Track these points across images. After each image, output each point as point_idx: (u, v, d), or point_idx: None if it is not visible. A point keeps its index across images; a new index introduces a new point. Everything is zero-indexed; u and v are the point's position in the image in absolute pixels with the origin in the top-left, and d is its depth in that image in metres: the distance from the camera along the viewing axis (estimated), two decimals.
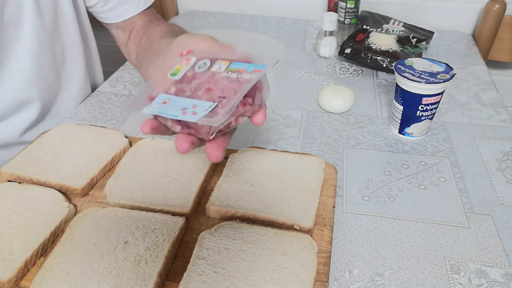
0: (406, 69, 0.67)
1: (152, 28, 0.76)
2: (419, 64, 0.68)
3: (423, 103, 0.66)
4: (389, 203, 0.59)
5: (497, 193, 0.60)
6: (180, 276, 0.46)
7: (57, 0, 0.72)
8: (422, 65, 0.68)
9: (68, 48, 0.78)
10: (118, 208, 0.55)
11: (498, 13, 1.05)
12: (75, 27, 0.77)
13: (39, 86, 0.74)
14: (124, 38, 0.80)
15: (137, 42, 0.78)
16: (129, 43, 0.80)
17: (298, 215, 0.53)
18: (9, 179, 0.60)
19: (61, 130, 0.68)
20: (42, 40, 0.71)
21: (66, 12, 0.74)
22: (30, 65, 0.71)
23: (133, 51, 0.79)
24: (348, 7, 1.01)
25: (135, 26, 0.79)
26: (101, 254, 0.48)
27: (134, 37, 0.79)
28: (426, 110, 0.67)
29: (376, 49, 0.91)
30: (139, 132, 0.74)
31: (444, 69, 0.67)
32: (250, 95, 0.42)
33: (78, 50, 0.80)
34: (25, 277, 0.48)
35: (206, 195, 0.58)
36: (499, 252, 0.52)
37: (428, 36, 1.02)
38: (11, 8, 0.66)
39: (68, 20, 0.75)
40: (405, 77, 0.65)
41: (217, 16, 1.24)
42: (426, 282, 0.49)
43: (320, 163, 0.60)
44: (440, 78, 0.64)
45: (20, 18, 0.68)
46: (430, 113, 0.68)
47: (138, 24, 0.79)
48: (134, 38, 0.79)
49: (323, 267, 0.48)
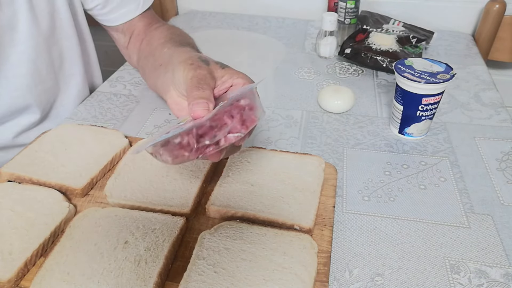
0: (406, 69, 0.67)
1: (152, 31, 0.76)
2: (419, 64, 0.68)
3: (423, 103, 0.66)
4: (389, 203, 0.59)
5: (497, 193, 0.60)
6: (180, 276, 0.46)
7: (54, 5, 0.72)
8: (422, 65, 0.68)
9: (66, 52, 0.78)
10: (118, 208, 0.55)
11: (498, 13, 1.05)
12: (73, 31, 0.77)
13: (37, 91, 0.74)
14: (125, 41, 0.80)
15: (138, 46, 0.77)
16: (129, 46, 0.80)
17: (298, 215, 0.53)
18: (9, 179, 0.60)
19: (61, 130, 0.68)
20: (38, 45, 0.71)
21: (63, 16, 0.74)
22: (26, 71, 0.71)
23: (134, 54, 0.79)
24: (348, 7, 1.01)
25: (135, 29, 0.79)
26: (101, 254, 0.48)
27: (134, 41, 0.79)
28: (426, 110, 0.67)
29: (376, 49, 0.91)
30: (139, 132, 0.74)
31: (444, 69, 0.67)
32: (238, 112, 0.43)
33: (75, 53, 0.80)
34: (25, 277, 0.48)
35: (206, 195, 0.58)
36: (499, 252, 0.52)
37: (428, 36, 1.02)
38: (4, 14, 0.65)
39: (65, 24, 0.75)
40: (405, 77, 0.65)
41: (217, 16, 1.24)
42: (426, 282, 0.49)
43: (320, 163, 0.60)
44: (440, 78, 0.64)
45: (15, 23, 0.67)
46: (430, 113, 0.68)
47: (138, 27, 0.78)
48: (135, 42, 0.79)
49: (323, 267, 0.48)
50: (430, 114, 0.68)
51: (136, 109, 0.80)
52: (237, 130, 0.43)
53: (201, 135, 0.43)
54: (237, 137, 0.44)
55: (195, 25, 1.20)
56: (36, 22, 0.69)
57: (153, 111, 0.79)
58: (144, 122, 0.76)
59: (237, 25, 1.19)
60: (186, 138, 0.42)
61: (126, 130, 0.73)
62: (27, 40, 0.69)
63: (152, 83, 0.69)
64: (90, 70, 0.88)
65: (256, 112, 0.44)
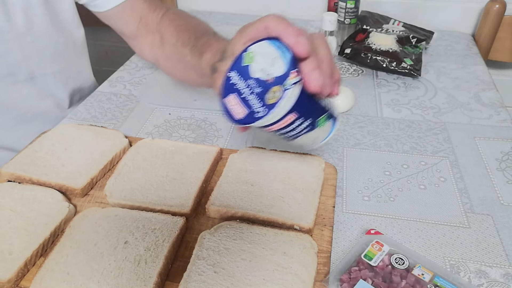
0: (236, 83, 0.43)
1: (167, 24, 0.75)
2: (260, 60, 0.42)
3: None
4: (389, 203, 0.59)
5: (497, 193, 0.60)
6: (180, 276, 0.46)
7: (28, 1, 0.71)
8: (263, 61, 0.42)
9: (44, 49, 0.77)
10: (118, 208, 0.55)
11: (498, 13, 1.05)
12: (53, 28, 0.76)
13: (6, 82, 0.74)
14: (130, 30, 0.79)
15: (155, 43, 0.77)
16: (140, 39, 0.79)
17: (298, 215, 0.53)
18: (9, 179, 0.60)
19: (61, 130, 0.68)
20: (9, 41, 0.71)
21: (39, 13, 0.73)
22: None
23: (148, 49, 0.79)
24: (348, 7, 1.01)
25: (142, 17, 0.77)
26: (101, 254, 0.48)
27: (143, 32, 0.78)
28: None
29: (376, 49, 0.91)
30: (139, 132, 0.74)
31: (284, 71, 0.40)
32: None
33: (54, 51, 0.78)
34: (25, 277, 0.48)
35: (206, 195, 0.58)
36: (499, 252, 0.52)
37: (428, 36, 1.02)
38: None
39: (41, 21, 0.74)
40: (226, 104, 0.43)
41: (217, 16, 1.24)
42: None
43: (320, 163, 0.60)
44: (268, 99, 0.40)
45: None
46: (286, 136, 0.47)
47: (144, 14, 0.77)
48: (145, 34, 0.78)
49: (323, 267, 0.48)
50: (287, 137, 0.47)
51: (136, 109, 0.80)
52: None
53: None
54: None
55: None
56: (7, 18, 0.69)
57: (153, 111, 0.79)
58: (144, 122, 0.76)
59: (237, 25, 1.19)
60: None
61: (126, 130, 0.73)
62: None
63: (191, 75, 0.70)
64: (77, 67, 0.86)
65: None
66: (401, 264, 0.47)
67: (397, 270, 0.46)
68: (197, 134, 0.73)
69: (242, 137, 0.72)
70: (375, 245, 0.49)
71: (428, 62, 0.96)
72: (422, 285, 0.44)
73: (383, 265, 0.46)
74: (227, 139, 0.72)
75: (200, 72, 0.62)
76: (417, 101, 0.82)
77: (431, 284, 0.44)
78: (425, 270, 0.46)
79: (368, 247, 0.48)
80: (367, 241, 0.49)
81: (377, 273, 0.46)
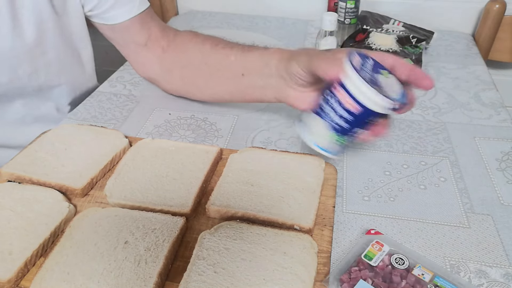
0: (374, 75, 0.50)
1: (191, 35, 0.76)
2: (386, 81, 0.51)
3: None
4: (389, 203, 0.59)
5: (497, 193, 0.60)
6: (180, 276, 0.46)
7: (40, 16, 0.70)
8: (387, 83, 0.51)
9: (53, 62, 0.77)
10: (118, 208, 0.55)
11: (498, 13, 1.05)
12: (62, 42, 0.76)
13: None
14: (138, 43, 0.78)
15: (159, 54, 0.77)
16: (145, 53, 0.78)
17: (298, 215, 0.53)
18: (9, 179, 0.60)
19: (61, 130, 0.68)
20: (20, 55, 0.70)
21: (51, 26, 0.72)
22: (8, 80, 0.71)
23: (153, 62, 0.78)
24: (348, 7, 1.01)
25: (151, 30, 0.77)
26: (101, 254, 0.48)
27: (152, 45, 0.77)
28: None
29: (376, 49, 0.91)
30: (139, 132, 0.74)
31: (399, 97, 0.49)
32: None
33: (62, 64, 0.79)
34: (25, 277, 0.48)
35: (206, 195, 0.58)
36: (499, 252, 0.52)
37: (428, 36, 1.02)
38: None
39: (52, 35, 0.74)
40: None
41: (217, 16, 1.24)
42: None
43: (320, 163, 0.60)
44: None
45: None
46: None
47: (153, 28, 0.77)
48: (154, 48, 0.77)
49: (323, 267, 0.48)
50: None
51: (136, 109, 0.80)
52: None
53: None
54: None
55: (195, 25, 1.20)
56: (19, 33, 0.68)
57: (153, 111, 0.79)
58: (144, 122, 0.76)
59: (237, 25, 1.19)
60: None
61: (126, 130, 0.73)
62: (8, 50, 0.68)
63: (225, 93, 0.73)
64: (82, 79, 0.86)
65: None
66: (401, 264, 0.47)
67: (397, 270, 0.46)
68: (197, 134, 0.73)
69: (242, 137, 0.72)
70: (375, 245, 0.49)
71: (428, 62, 0.96)
72: (422, 285, 0.44)
73: (383, 265, 0.46)
74: (227, 139, 0.72)
75: (255, 66, 0.66)
76: (417, 101, 0.82)
77: (431, 284, 0.44)
78: (425, 270, 0.46)
79: (368, 247, 0.48)
80: (367, 241, 0.49)
81: (377, 273, 0.46)
